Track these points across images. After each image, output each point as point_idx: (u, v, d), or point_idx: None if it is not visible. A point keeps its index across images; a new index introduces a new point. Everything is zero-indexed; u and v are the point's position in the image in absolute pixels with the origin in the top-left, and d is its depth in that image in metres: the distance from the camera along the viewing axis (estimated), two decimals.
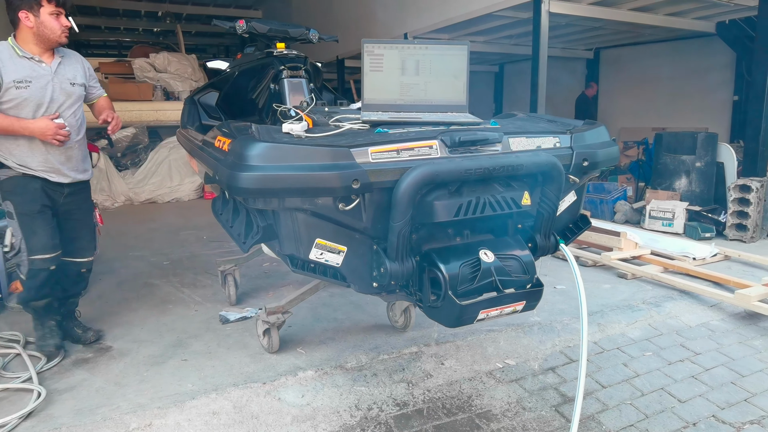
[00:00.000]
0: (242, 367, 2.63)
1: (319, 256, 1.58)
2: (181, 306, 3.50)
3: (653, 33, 9.44)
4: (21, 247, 2.57)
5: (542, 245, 1.76)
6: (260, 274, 4.17)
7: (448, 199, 1.53)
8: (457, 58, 2.04)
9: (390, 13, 9.39)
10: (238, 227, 1.83)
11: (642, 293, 3.60)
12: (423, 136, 1.59)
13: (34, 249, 2.56)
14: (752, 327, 3.20)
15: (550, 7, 6.70)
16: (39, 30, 2.45)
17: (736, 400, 2.48)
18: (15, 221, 2.55)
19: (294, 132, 1.60)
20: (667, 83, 10.18)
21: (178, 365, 2.67)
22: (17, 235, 2.57)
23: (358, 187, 1.44)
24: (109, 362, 2.71)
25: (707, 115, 9.84)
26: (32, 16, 2.43)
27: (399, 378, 2.57)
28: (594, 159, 1.81)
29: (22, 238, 2.55)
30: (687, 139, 5.55)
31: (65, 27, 2.50)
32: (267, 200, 1.47)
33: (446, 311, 1.56)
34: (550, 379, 2.62)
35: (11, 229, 2.65)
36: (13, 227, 2.59)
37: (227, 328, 3.12)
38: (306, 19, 12.65)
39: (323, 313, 3.31)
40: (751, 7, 7.63)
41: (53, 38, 2.49)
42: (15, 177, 2.54)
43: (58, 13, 2.46)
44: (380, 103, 2.03)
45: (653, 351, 2.90)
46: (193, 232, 5.64)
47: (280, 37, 3.35)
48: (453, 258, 1.58)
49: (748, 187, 4.82)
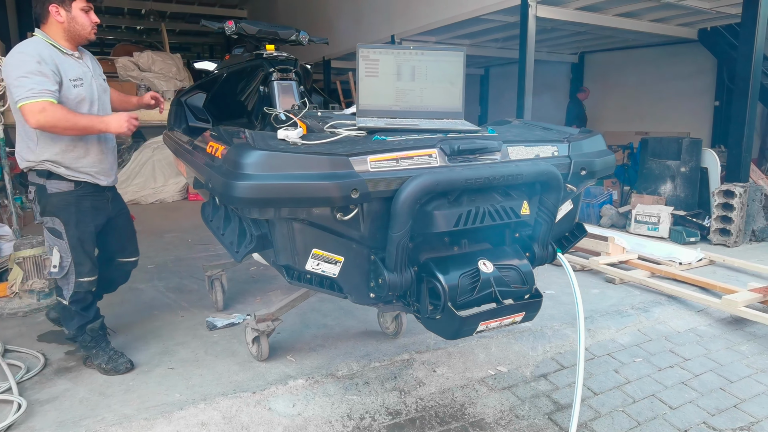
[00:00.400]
0: (231, 376, 2.57)
1: (316, 267, 1.54)
2: (166, 311, 3.43)
3: (637, 38, 9.55)
4: (70, 269, 2.47)
5: (540, 255, 1.75)
6: (247, 279, 4.11)
7: (448, 208, 1.51)
8: (453, 64, 2.02)
9: (377, 15, 9.37)
10: (230, 235, 1.78)
11: (630, 298, 3.62)
12: (422, 145, 1.57)
13: (83, 272, 2.48)
14: (739, 332, 3.23)
15: (537, 12, 6.74)
16: (69, 25, 2.34)
17: (725, 407, 2.50)
18: (65, 242, 2.44)
19: (290, 139, 1.56)
20: (650, 88, 10.33)
21: (164, 374, 2.61)
22: (65, 256, 2.46)
23: (357, 197, 1.41)
24: (93, 371, 2.63)
25: (689, 120, 10.00)
26: (63, 10, 2.32)
27: (391, 386, 2.54)
28: (592, 168, 1.80)
29: (72, 261, 2.45)
30: (672, 144, 5.61)
31: (95, 23, 2.42)
32: (262, 210, 1.43)
33: (445, 323, 1.53)
34: (542, 387, 2.62)
35: (58, 249, 2.45)
36: (60, 247, 2.46)
37: (214, 335, 3.06)
38: (292, 19, 12.58)
39: (312, 319, 3.27)
40: (732, 15, 7.77)
41: (83, 34, 2.39)
42: (65, 194, 2.43)
43: (89, 8, 2.37)
44: (376, 109, 2.00)
45: (643, 357, 2.91)
46: (177, 235, 5.54)
47: (270, 39, 3.30)
48: (452, 268, 1.56)
49: (732, 192, 4.89)
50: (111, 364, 2.58)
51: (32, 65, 2.19)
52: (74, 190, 2.45)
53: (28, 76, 2.18)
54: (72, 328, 2.58)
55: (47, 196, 2.42)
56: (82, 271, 2.48)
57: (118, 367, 2.57)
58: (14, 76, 2.19)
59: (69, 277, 2.48)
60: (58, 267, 2.48)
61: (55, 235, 2.46)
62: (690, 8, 7.30)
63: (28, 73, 2.18)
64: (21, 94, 2.17)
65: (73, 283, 2.48)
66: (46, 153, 2.37)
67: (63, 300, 2.54)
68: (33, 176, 2.44)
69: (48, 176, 2.41)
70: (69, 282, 2.49)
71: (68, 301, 2.52)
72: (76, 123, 2.27)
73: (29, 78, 2.18)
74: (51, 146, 2.37)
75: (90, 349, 2.61)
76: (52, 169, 2.39)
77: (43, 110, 2.16)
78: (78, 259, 2.46)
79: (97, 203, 2.55)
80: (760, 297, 3.36)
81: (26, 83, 2.17)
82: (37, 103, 2.16)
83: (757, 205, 5.06)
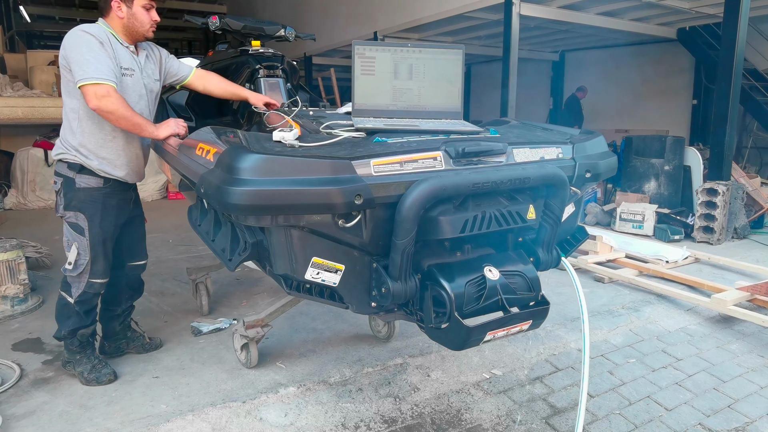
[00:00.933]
0: (219, 384, 2.48)
1: (316, 276, 1.46)
2: (149, 316, 3.30)
3: (617, 37, 9.64)
4: (86, 269, 2.37)
5: (545, 259, 1.70)
6: (231, 281, 4.01)
7: (453, 214, 1.44)
8: (451, 62, 1.96)
9: (360, 11, 9.28)
10: (221, 242, 1.69)
11: (620, 298, 3.62)
12: (425, 147, 1.50)
13: (97, 272, 2.40)
14: (728, 330, 3.25)
15: (521, 10, 6.73)
16: (129, 22, 2.31)
17: (720, 407, 2.50)
18: (86, 239, 2.35)
19: (286, 141, 1.48)
20: (630, 86, 10.44)
21: (149, 383, 2.50)
22: (84, 254, 2.36)
23: (361, 203, 1.34)
24: (73, 381, 2.51)
25: (668, 118, 10.14)
26: (125, 6, 2.29)
27: (385, 392, 2.48)
28: (596, 170, 1.76)
29: (90, 259, 2.36)
30: (655, 142, 5.66)
31: (154, 22, 2.36)
32: (259, 217, 1.35)
33: (452, 333, 1.47)
34: (537, 390, 2.58)
35: (77, 245, 2.36)
36: (80, 244, 2.36)
37: (200, 341, 2.96)
38: (272, 14, 12.40)
39: (301, 323, 3.19)
40: (710, 15, 7.88)
41: (141, 32, 2.35)
42: (93, 190, 2.36)
43: (151, 6, 2.33)
44: (372, 108, 1.93)
45: (636, 358, 2.91)
46: (158, 236, 5.38)
47: (255, 35, 3.20)
48: (457, 275, 1.50)
49: (715, 190, 4.95)
50: (93, 374, 2.47)
51: (96, 45, 2.17)
52: (103, 187, 2.38)
53: (93, 55, 2.14)
54: (65, 329, 2.46)
55: (75, 189, 2.35)
56: (97, 271, 2.40)
57: (100, 378, 2.46)
58: (78, 53, 2.15)
59: (83, 276, 2.39)
60: (73, 264, 2.39)
61: (76, 230, 2.37)
62: (670, 8, 7.39)
63: (91, 51, 2.15)
64: (85, 73, 2.12)
65: (85, 282, 2.39)
66: (86, 138, 2.31)
67: (69, 297, 2.43)
68: (63, 168, 2.37)
69: (80, 170, 2.34)
70: (81, 281, 2.40)
71: (74, 300, 2.41)
72: (130, 118, 2.21)
73: (94, 58, 2.14)
74: (93, 133, 2.31)
75: (74, 354, 2.50)
76: (84, 162, 2.32)
77: (107, 95, 2.13)
78: (96, 258, 2.38)
79: (122, 203, 2.49)
80: (747, 295, 3.38)
81: (92, 63, 2.13)
82: (102, 86, 2.12)
83: (739, 203, 5.13)
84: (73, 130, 2.33)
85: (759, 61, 8.17)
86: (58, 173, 2.40)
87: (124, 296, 2.73)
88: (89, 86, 2.12)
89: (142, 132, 2.30)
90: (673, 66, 9.94)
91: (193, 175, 1.63)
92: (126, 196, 2.52)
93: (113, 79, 2.16)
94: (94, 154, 2.33)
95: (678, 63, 9.78)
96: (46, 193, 7.02)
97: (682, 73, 9.85)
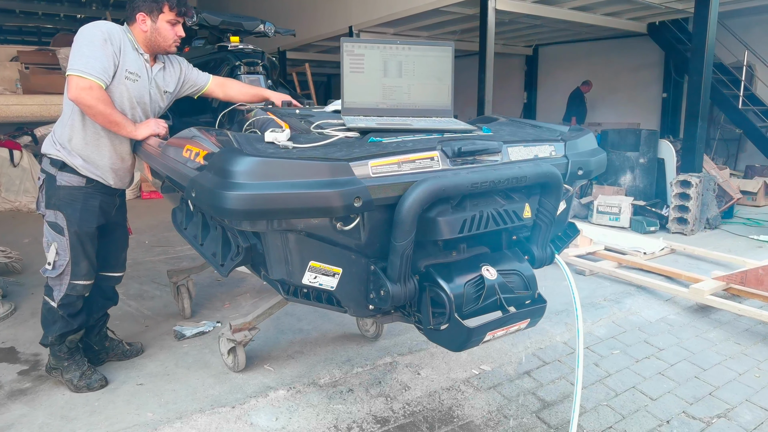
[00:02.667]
0: (206, 390, 2.43)
1: (313, 280, 1.43)
2: (128, 321, 3.21)
3: (589, 31, 9.80)
4: (65, 270, 2.28)
5: (540, 257, 1.70)
6: (213, 282, 3.93)
7: (451, 214, 1.43)
8: (441, 59, 1.94)
9: (335, 6, 9.19)
10: (211, 246, 1.64)
11: (602, 290, 3.68)
12: (421, 146, 1.48)
13: (78, 273, 2.31)
14: (705, 320, 3.34)
15: (497, 5, 6.76)
16: (152, 36, 2.26)
17: (702, 395, 2.56)
18: (65, 239, 2.27)
19: (279, 142, 1.44)
20: (601, 80, 10.62)
21: (133, 391, 2.43)
22: (63, 254, 2.28)
23: (360, 206, 1.31)
24: (52, 391, 2.43)
25: (639, 111, 10.36)
26: (149, 20, 2.24)
27: (376, 392, 2.46)
28: (588, 167, 1.77)
29: (69, 260, 2.28)
30: (630, 136, 5.76)
31: (178, 37, 2.31)
32: (254, 222, 1.31)
33: (451, 335, 1.46)
34: (526, 384, 2.60)
35: (56, 245, 2.29)
36: (59, 244, 2.28)
37: (184, 345, 2.89)
38: (242, 7, 12.16)
39: (287, 324, 3.14)
40: (680, 10, 8.06)
41: (163, 46, 2.30)
42: (75, 188, 2.28)
43: (177, 22, 2.28)
44: (361, 106, 1.90)
45: (620, 349, 2.96)
46: (133, 237, 5.20)
47: (233, 30, 3.12)
48: (455, 276, 1.49)
49: (688, 182, 5.07)
50: (84, 380, 2.39)
51: (98, 41, 2.12)
52: (84, 186, 2.30)
53: (90, 49, 2.11)
54: (52, 334, 2.37)
55: (55, 187, 2.28)
56: (78, 273, 2.31)
57: (91, 384, 2.39)
58: (77, 45, 2.13)
59: (63, 277, 2.31)
60: (52, 265, 2.30)
61: (55, 230, 2.28)
62: (641, 3, 7.53)
63: (90, 45, 2.11)
64: (75, 65, 2.09)
65: (67, 284, 2.31)
66: (74, 132, 2.25)
67: (51, 301, 2.34)
68: (46, 164, 2.31)
69: (61, 167, 2.27)
70: (62, 283, 2.31)
71: (57, 303, 2.33)
72: (109, 115, 2.16)
73: (90, 53, 2.10)
74: (80, 129, 2.25)
75: (62, 361, 2.41)
76: (66, 159, 2.25)
77: (90, 88, 2.09)
78: (76, 259, 2.30)
79: (106, 206, 2.39)
80: (723, 285, 3.48)
81: (85, 56, 2.09)
82: (87, 80, 2.08)
83: (711, 195, 5.27)
84: (64, 123, 2.28)
85: (725, 55, 8.40)
86: (43, 169, 2.34)
87: (97, 305, 2.61)
88: (74, 77, 2.08)
89: (120, 130, 2.24)
90: (643, 60, 10.16)
91: (180, 177, 1.58)
92: (110, 200, 2.42)
93: (101, 76, 2.11)
94: (77, 152, 2.26)
95: (648, 57, 9.99)
96: (12, 195, 6.76)
97: (652, 66, 10.07)
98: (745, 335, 3.14)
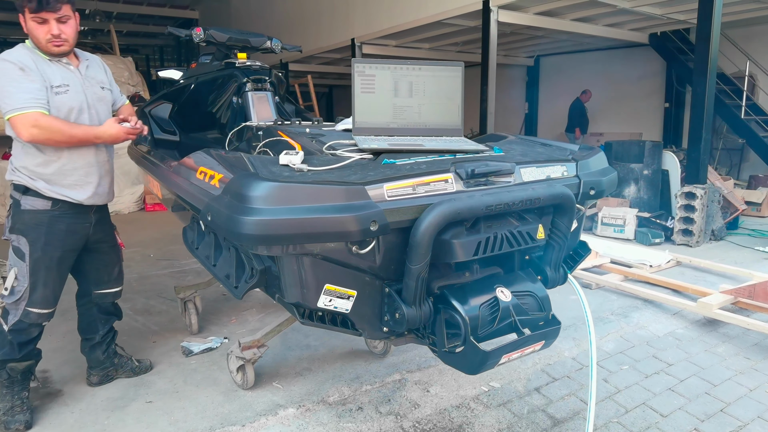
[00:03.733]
0: (216, 408, 2.42)
1: (328, 303, 1.43)
2: (136, 337, 3.21)
3: (591, 42, 9.84)
4: (23, 295, 2.21)
5: (553, 277, 1.70)
6: (219, 297, 3.92)
7: (466, 237, 1.43)
8: (451, 79, 1.95)
9: (338, 18, 9.25)
10: (224, 267, 1.64)
11: (609, 304, 3.67)
12: (436, 169, 1.49)
13: (36, 301, 2.23)
14: (714, 334, 3.32)
15: (499, 17, 6.80)
16: (31, 37, 2.16)
17: (713, 411, 2.54)
18: (25, 264, 2.21)
19: (294, 165, 1.45)
20: (603, 90, 10.66)
21: (143, 409, 2.42)
22: (22, 280, 2.21)
23: (376, 230, 1.31)
24: (61, 410, 2.42)
25: (641, 121, 10.38)
26: (24, 23, 2.14)
27: (386, 410, 2.45)
28: (600, 187, 1.78)
29: (28, 286, 2.21)
30: (634, 147, 5.77)
31: (53, 36, 2.12)
32: (270, 246, 1.31)
33: (467, 358, 1.46)
34: (536, 401, 2.59)
35: (16, 271, 2.22)
36: (19, 270, 2.22)
37: (192, 362, 2.88)
38: (246, 22, 12.26)
39: (294, 340, 3.14)
40: (681, 21, 8.10)
41: (43, 47, 2.15)
42: (39, 212, 2.22)
43: (41, 20, 2.10)
44: (372, 126, 1.91)
45: (629, 364, 2.94)
46: (137, 250, 5.25)
47: (240, 47, 3.15)
48: (470, 298, 1.49)
49: (693, 194, 5.07)
50: (6, 416, 2.25)
51: (15, 73, 2.05)
52: (50, 210, 2.23)
53: (14, 85, 2.03)
54: None
55: (20, 212, 2.23)
56: (36, 300, 2.23)
57: (9, 424, 2.23)
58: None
59: (20, 303, 2.22)
60: (9, 290, 2.23)
61: (17, 255, 2.23)
62: (642, 14, 7.57)
63: (12, 81, 2.03)
64: (9, 105, 2.02)
65: (22, 310, 2.22)
66: (29, 158, 2.19)
67: (4, 324, 2.25)
68: (11, 189, 2.28)
69: (24, 191, 2.22)
70: (18, 308, 2.23)
71: (8, 327, 2.24)
72: (72, 135, 2.11)
73: (15, 87, 2.02)
74: (35, 154, 2.18)
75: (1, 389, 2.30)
76: (28, 183, 2.20)
77: (35, 123, 2.02)
78: (34, 285, 2.22)
79: (75, 226, 2.31)
80: (731, 298, 3.47)
81: (13, 93, 2.02)
82: (28, 114, 2.01)
83: (716, 206, 5.27)
84: (17, 151, 2.22)
85: (727, 65, 8.44)
86: (10, 195, 2.30)
87: (99, 323, 2.58)
88: (15, 118, 2.02)
89: (88, 143, 2.20)
90: (645, 70, 10.20)
91: (194, 199, 1.58)
92: (80, 220, 2.33)
93: (38, 104, 2.04)
94: (38, 175, 2.20)
95: (649, 67, 10.03)
96: None
97: (654, 76, 10.10)
98: (755, 350, 3.13)
